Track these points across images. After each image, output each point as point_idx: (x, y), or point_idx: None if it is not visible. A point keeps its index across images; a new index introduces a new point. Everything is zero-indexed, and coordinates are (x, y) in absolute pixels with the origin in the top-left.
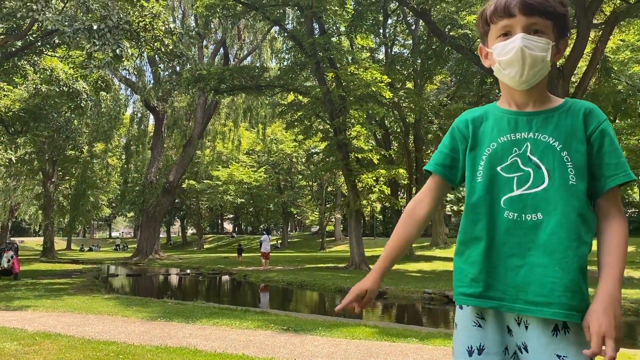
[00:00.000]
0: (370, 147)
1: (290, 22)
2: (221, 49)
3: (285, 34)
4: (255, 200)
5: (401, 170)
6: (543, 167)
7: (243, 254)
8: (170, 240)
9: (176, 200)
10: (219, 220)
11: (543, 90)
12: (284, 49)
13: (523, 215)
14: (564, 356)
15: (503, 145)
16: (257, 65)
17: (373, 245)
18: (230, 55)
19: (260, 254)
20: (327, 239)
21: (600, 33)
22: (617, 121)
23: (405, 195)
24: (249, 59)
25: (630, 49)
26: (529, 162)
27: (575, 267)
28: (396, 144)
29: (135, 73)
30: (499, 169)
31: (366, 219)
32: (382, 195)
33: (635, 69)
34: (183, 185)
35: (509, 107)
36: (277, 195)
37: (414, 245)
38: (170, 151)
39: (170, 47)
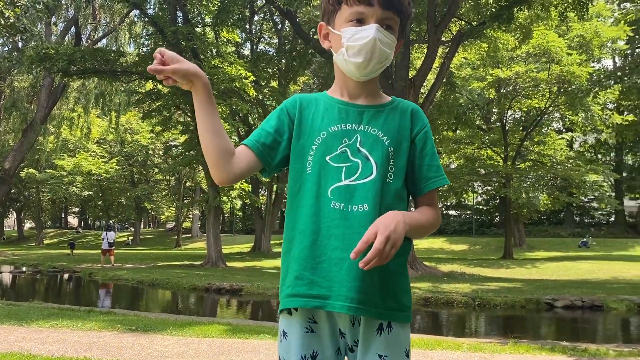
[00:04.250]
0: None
1: (152, 6)
2: (73, 28)
3: (146, 19)
4: (105, 194)
5: None
6: (372, 159)
7: (76, 250)
8: (3, 234)
9: (12, 191)
10: (63, 214)
11: (376, 84)
12: (144, 34)
13: (350, 205)
14: (384, 356)
15: (333, 134)
16: (113, 48)
17: (231, 242)
18: (82, 36)
19: (100, 251)
20: (184, 235)
21: (447, 50)
22: (457, 131)
23: (266, 193)
24: (104, 41)
25: (471, 66)
26: (358, 154)
27: (394, 265)
28: None
29: None
30: (327, 158)
31: (225, 215)
32: (242, 192)
33: (474, 85)
34: (21, 174)
35: (341, 97)
36: (130, 189)
37: (271, 242)
38: (7, 135)
39: (12, 20)
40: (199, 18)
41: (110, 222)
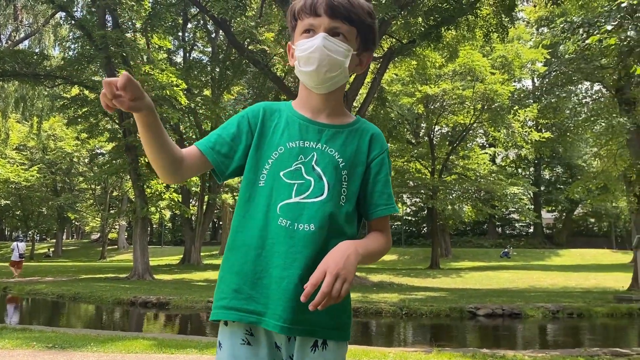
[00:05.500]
0: None
1: (79, 9)
2: None
3: (73, 22)
4: (25, 203)
5: (194, 178)
6: (325, 179)
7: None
8: None
9: None
10: None
11: (339, 101)
12: (71, 37)
13: (296, 224)
14: None
15: (290, 151)
16: (36, 51)
17: (160, 254)
18: (2, 36)
19: (9, 263)
20: (109, 247)
21: (378, 65)
22: (388, 144)
23: (197, 204)
24: (26, 42)
25: (401, 82)
26: (312, 172)
27: None
28: None
29: None
30: (281, 173)
31: (154, 226)
32: (172, 203)
33: (404, 101)
34: None
35: (303, 112)
36: (52, 198)
37: (202, 254)
38: None
39: None
40: (129, 23)
41: (29, 232)
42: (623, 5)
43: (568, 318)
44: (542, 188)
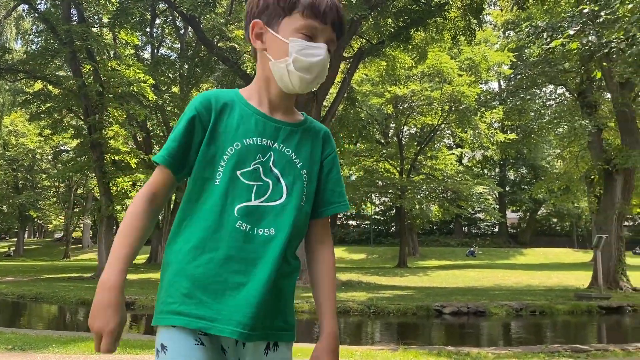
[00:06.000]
0: (129, 150)
1: (43, 2)
2: None
3: (36, 15)
4: None
5: None
6: (283, 182)
7: None
8: None
9: None
10: None
11: (293, 99)
12: (34, 31)
13: (256, 228)
14: None
15: (248, 147)
16: None
17: None
18: None
19: None
20: (73, 246)
21: (348, 66)
22: (358, 145)
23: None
24: None
25: (371, 83)
26: (270, 173)
27: (286, 286)
28: (158, 148)
29: None
30: (239, 173)
31: (120, 225)
32: None
33: (374, 101)
34: None
35: (259, 107)
36: (13, 196)
37: None
38: None
39: None
40: (96, 18)
41: None
42: (585, 11)
43: (531, 315)
44: (507, 188)
